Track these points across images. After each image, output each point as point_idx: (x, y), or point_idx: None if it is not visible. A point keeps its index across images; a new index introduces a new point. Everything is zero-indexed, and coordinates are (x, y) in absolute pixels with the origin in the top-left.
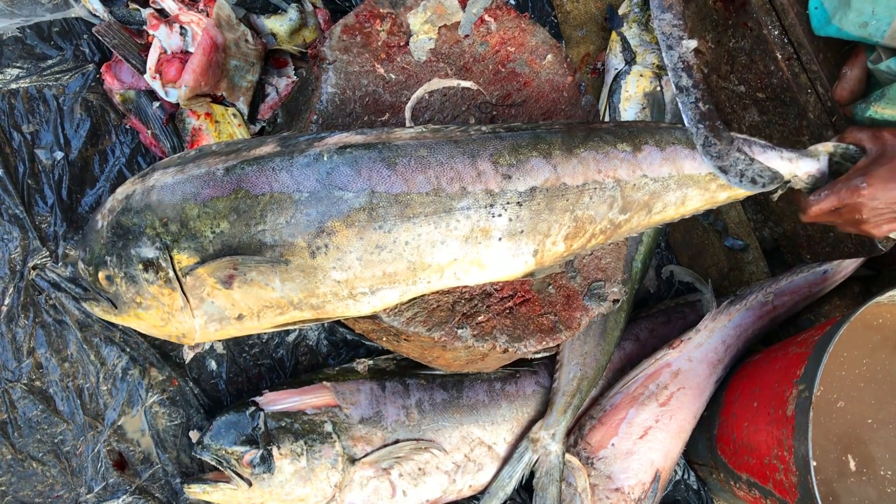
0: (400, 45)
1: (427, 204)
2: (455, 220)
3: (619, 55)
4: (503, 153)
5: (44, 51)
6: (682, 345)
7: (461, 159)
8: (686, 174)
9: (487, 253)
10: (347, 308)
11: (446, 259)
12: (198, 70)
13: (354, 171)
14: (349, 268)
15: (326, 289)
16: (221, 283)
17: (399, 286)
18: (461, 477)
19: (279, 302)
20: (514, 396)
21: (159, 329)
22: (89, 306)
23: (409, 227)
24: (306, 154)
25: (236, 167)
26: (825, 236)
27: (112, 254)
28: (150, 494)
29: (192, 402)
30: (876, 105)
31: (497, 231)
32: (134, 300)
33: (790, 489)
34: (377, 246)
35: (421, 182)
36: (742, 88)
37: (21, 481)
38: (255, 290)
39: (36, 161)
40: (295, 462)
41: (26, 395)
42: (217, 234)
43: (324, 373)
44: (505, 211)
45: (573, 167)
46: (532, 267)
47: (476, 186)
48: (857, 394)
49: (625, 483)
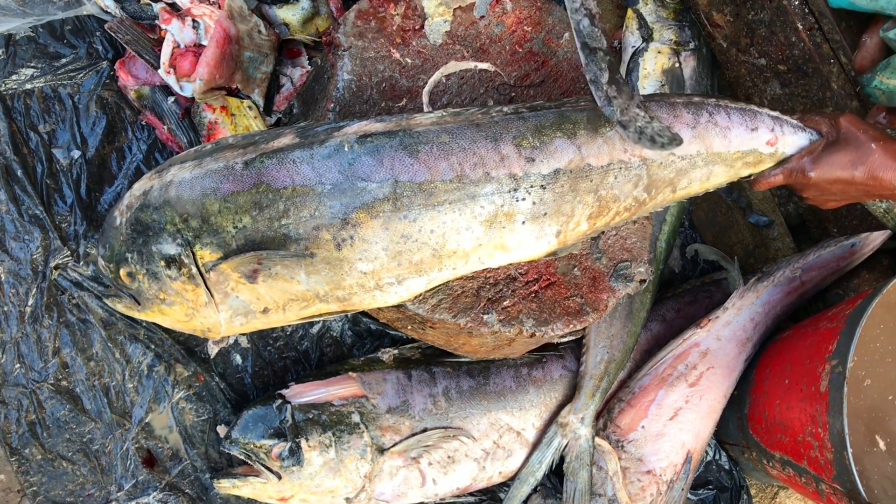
0: (415, 29)
1: (451, 191)
2: (479, 206)
3: (635, 32)
4: (526, 135)
5: (57, 49)
6: (710, 324)
7: (483, 144)
8: (715, 152)
9: (511, 237)
10: (374, 299)
11: (471, 245)
12: (212, 63)
13: (377, 161)
14: (375, 258)
15: (353, 280)
16: (246, 278)
17: (425, 275)
18: (491, 464)
19: (305, 295)
20: (542, 381)
21: (184, 324)
22: (112, 303)
23: (433, 215)
24: (326, 145)
25: (255, 161)
26: (852, 209)
27: (133, 251)
28: (180, 490)
29: (219, 396)
30: (881, 75)
31: (521, 215)
32: (157, 296)
33: (826, 466)
34: (402, 236)
35: (444, 169)
36: (763, 61)
37: (52, 481)
38: (280, 283)
39: (54, 161)
40: (324, 454)
41: (53, 395)
42: (240, 228)
43: (349, 363)
44: (529, 195)
45: (598, 147)
46: (554, 247)
47: (500, 171)
48: (884, 369)
49: (656, 465)
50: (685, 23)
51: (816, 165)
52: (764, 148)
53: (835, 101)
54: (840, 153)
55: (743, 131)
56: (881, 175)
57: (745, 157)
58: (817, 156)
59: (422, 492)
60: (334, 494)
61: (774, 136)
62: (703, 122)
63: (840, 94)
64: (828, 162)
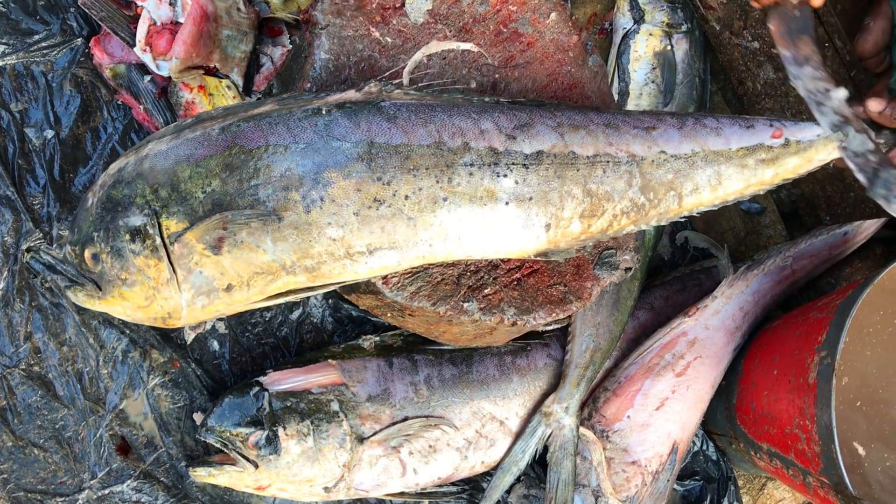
0: (395, 7)
1: (428, 156)
2: (458, 175)
3: (626, 14)
4: (508, 116)
5: (29, 26)
6: (699, 312)
7: (463, 118)
8: (713, 150)
9: (494, 217)
10: (344, 269)
11: (449, 219)
12: (188, 41)
13: (353, 123)
14: (345, 224)
15: (321, 248)
16: (210, 249)
17: (399, 248)
18: (473, 453)
19: (270, 266)
20: (526, 370)
21: (144, 310)
22: (73, 294)
23: (409, 179)
24: (304, 108)
25: (232, 125)
26: (845, 197)
27: (100, 229)
28: (155, 479)
29: (195, 383)
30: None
31: (503, 194)
32: (119, 277)
33: (813, 459)
34: (375, 199)
35: (422, 135)
36: (756, 45)
37: (23, 468)
38: (245, 253)
39: (26, 140)
40: (302, 442)
41: (25, 380)
42: (208, 193)
43: (329, 351)
44: (510, 171)
45: (581, 137)
46: (545, 244)
47: (479, 143)
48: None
49: (641, 456)
50: (678, 4)
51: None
52: (771, 141)
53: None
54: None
55: (738, 129)
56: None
57: (755, 153)
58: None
59: (402, 481)
60: (312, 484)
61: (778, 129)
62: (689, 125)
63: (834, 78)
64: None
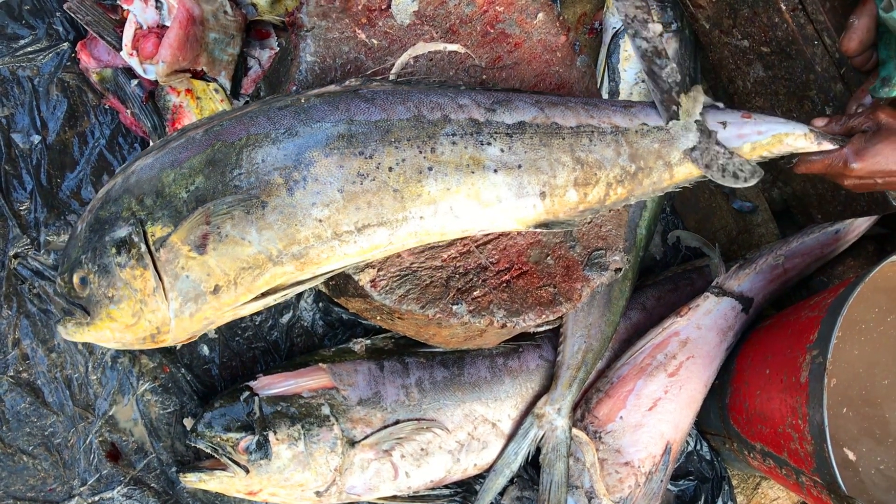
0: (381, 9)
1: (408, 129)
2: (440, 144)
3: (616, 13)
4: (485, 95)
5: (15, 30)
6: (691, 312)
7: (440, 96)
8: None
9: (485, 185)
10: (333, 252)
11: (437, 188)
12: (175, 44)
13: (332, 107)
14: (331, 202)
15: (308, 231)
16: (196, 249)
17: (388, 224)
18: (465, 456)
19: (257, 259)
20: (518, 372)
21: (132, 329)
22: (62, 327)
23: (391, 150)
24: (285, 100)
25: (215, 126)
26: (836, 195)
27: (87, 250)
28: (145, 485)
29: (185, 388)
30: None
31: (490, 162)
32: (105, 295)
33: (805, 458)
34: (359, 174)
35: (400, 111)
36: (745, 43)
37: (12, 476)
38: (230, 248)
39: (12, 145)
40: (292, 447)
41: (13, 387)
42: (192, 191)
43: (320, 354)
44: (494, 140)
45: (562, 111)
46: (543, 214)
47: (459, 115)
48: (872, 357)
49: (634, 456)
50: (667, 3)
51: (860, 157)
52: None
53: (818, 84)
54: (886, 145)
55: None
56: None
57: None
58: (860, 147)
59: (394, 485)
60: (304, 488)
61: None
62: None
63: (824, 76)
64: (873, 153)
